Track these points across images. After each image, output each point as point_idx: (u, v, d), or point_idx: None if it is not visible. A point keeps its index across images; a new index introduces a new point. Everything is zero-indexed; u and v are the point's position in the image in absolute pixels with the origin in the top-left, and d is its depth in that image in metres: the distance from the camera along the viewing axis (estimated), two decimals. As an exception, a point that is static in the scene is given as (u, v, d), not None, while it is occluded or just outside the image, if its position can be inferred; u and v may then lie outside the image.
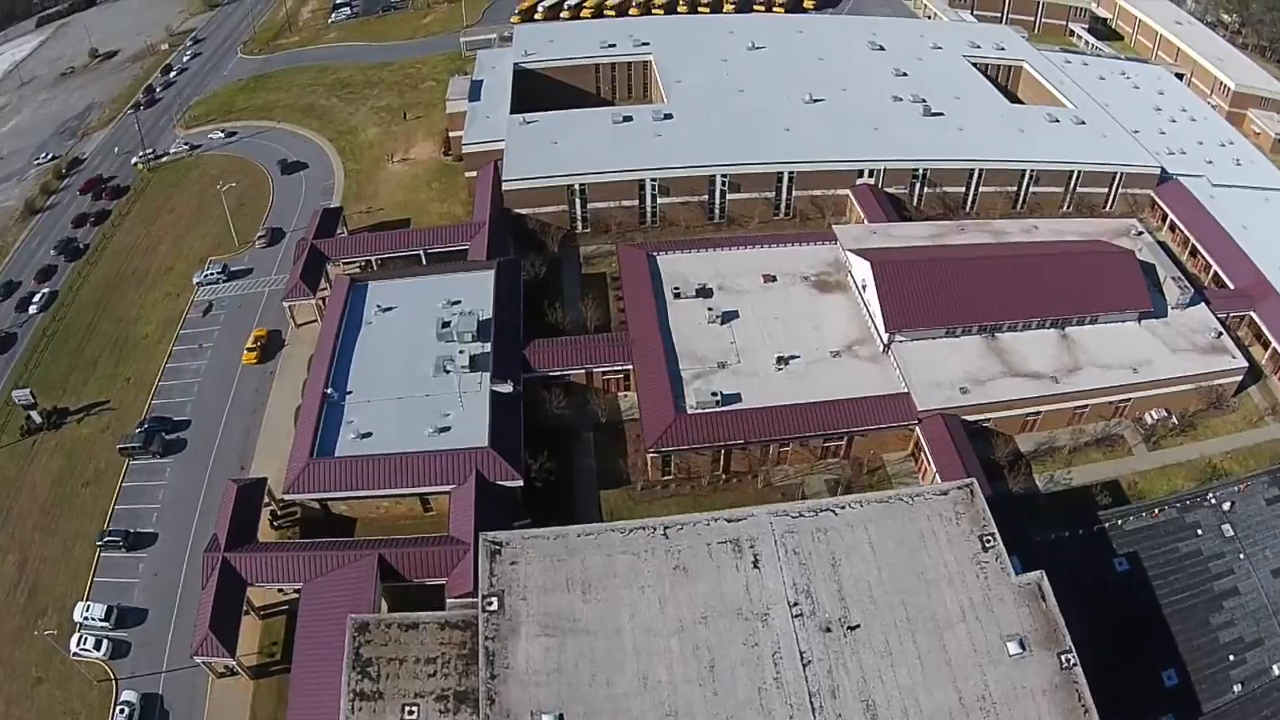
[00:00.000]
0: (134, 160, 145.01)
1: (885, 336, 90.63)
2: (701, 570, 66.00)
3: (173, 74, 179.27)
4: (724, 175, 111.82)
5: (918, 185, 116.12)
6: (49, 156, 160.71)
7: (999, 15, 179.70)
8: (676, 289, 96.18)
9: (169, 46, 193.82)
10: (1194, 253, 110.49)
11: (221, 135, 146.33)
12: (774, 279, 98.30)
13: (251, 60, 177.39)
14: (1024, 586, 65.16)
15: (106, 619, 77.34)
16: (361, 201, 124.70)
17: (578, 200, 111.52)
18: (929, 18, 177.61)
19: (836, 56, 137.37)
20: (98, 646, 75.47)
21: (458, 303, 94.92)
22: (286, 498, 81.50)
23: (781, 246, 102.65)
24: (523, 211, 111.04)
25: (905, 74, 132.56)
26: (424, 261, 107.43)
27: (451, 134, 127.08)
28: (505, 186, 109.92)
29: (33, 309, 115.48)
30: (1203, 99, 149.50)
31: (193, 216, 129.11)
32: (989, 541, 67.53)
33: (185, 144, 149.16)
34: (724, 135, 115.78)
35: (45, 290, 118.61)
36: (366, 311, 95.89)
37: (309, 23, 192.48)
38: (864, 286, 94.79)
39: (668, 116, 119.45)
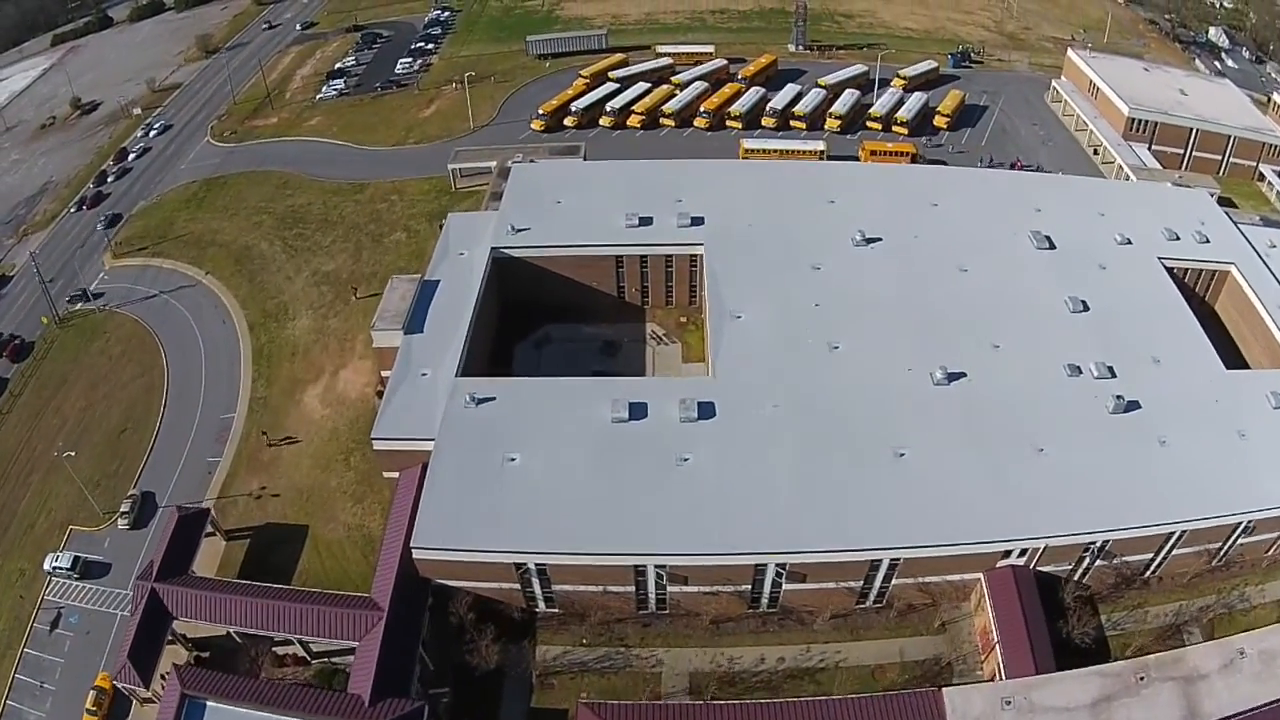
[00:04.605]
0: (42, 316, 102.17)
1: None
2: None
3: (130, 158, 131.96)
4: (782, 566, 60.33)
5: (1088, 558, 63.68)
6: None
7: (1181, 152, 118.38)
8: None
9: (142, 111, 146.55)
10: None
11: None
12: None
13: (216, 150, 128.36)
14: None
15: None
16: (255, 473, 77.43)
17: (535, 580, 61.80)
18: (1094, 150, 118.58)
19: (986, 263, 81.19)
20: None
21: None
22: None
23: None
24: (448, 583, 62.26)
25: (1085, 305, 76.97)
26: (302, 649, 61.87)
27: (384, 373, 77.31)
28: (416, 555, 60.41)
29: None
30: None
31: (76, 424, 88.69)
32: None
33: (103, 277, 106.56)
34: (792, 467, 62.54)
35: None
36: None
37: (297, 94, 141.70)
38: None
39: (706, 412, 65.69)
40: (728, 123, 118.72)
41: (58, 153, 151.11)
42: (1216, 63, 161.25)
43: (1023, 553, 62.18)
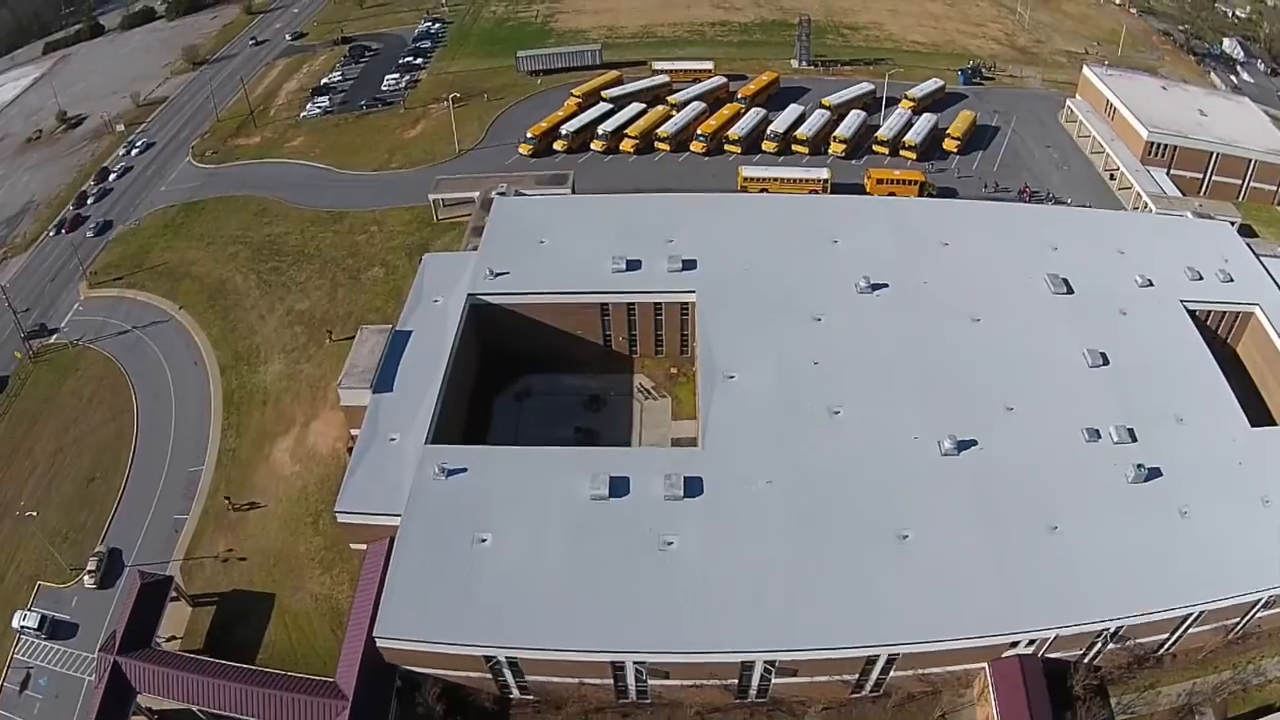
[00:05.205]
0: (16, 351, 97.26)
1: None
2: None
3: (111, 178, 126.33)
4: (771, 663, 55.04)
5: (1100, 644, 58.51)
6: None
7: (1200, 177, 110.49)
8: None
9: (125, 127, 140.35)
10: None
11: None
12: None
13: (197, 171, 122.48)
14: None
15: None
16: (222, 533, 72.66)
17: (507, 671, 56.43)
18: (1111, 175, 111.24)
19: (1000, 311, 74.94)
20: None
21: None
22: None
23: None
24: (417, 670, 57.09)
25: (1105, 358, 70.82)
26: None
27: (353, 431, 71.19)
28: (380, 643, 55.21)
29: None
30: None
31: (47, 468, 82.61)
32: None
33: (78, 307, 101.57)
34: (785, 552, 56.82)
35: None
36: None
37: (281, 111, 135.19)
38: None
39: (692, 489, 59.69)
40: (726, 147, 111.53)
41: (42, 169, 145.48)
42: (1232, 76, 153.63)
43: (1031, 642, 56.66)
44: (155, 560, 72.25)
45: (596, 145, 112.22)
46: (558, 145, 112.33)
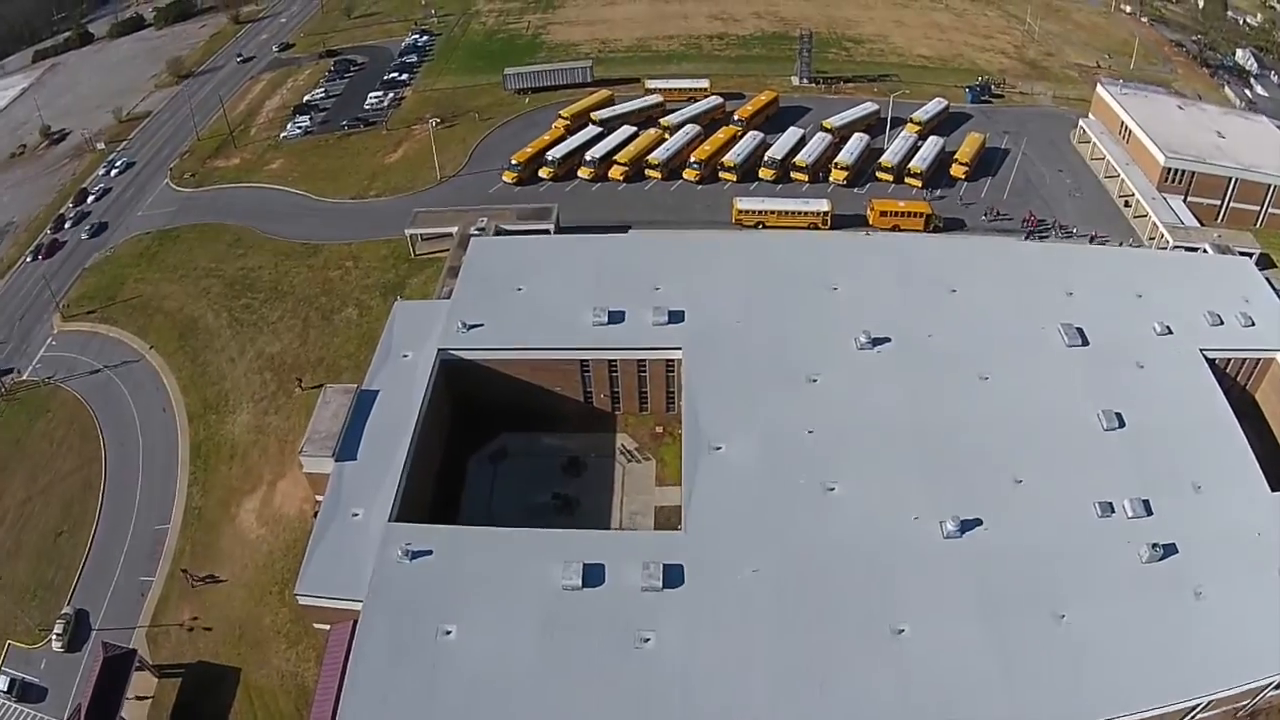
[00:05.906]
0: None
1: None
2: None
3: (90, 199, 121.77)
4: (762, 786, 49.81)
5: None
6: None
7: (1217, 204, 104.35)
8: None
9: (106, 145, 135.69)
10: None
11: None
12: None
13: (174, 195, 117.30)
14: None
15: None
16: (187, 600, 68.46)
17: (474, 788, 51.81)
18: (1125, 202, 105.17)
19: (1011, 368, 69.48)
20: None
21: None
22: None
23: None
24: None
25: (1120, 420, 65.63)
26: None
27: (318, 497, 66.69)
28: (336, 747, 51.08)
29: None
30: None
31: (16, 518, 78.21)
32: None
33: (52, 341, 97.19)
34: (771, 650, 52.12)
35: None
36: None
37: (261, 130, 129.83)
38: None
39: (672, 579, 54.73)
40: (721, 174, 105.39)
41: (24, 187, 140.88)
42: (1246, 90, 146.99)
43: (1042, 730, 52.49)
44: (121, 625, 68.47)
45: (584, 173, 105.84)
46: (543, 173, 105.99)
